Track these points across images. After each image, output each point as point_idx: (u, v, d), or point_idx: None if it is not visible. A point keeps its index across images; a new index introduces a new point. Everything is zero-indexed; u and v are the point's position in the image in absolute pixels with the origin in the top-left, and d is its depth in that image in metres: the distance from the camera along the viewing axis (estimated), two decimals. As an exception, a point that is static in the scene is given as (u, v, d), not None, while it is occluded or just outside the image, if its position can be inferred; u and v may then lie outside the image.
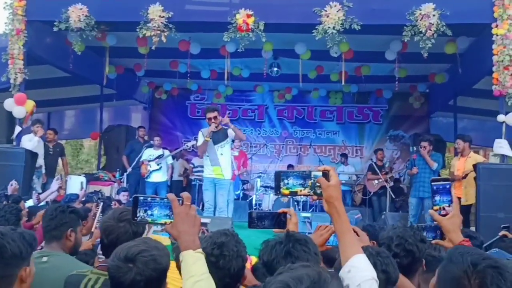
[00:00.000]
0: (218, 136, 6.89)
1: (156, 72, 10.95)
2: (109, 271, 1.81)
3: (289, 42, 8.52)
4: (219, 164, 6.94)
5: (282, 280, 1.01)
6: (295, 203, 9.48)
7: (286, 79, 10.62)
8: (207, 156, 7.01)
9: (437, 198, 2.18)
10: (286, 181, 1.69)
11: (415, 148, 9.92)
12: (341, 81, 8.87)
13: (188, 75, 10.01)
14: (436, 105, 11.22)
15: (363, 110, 12.46)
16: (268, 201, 9.97)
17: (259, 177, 10.58)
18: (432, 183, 2.19)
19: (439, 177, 2.38)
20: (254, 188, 10.60)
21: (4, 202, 4.00)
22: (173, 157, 10.08)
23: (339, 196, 1.63)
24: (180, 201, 1.69)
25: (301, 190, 1.68)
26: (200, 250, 1.69)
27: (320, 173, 1.65)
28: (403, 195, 10.29)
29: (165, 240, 2.10)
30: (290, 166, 11.53)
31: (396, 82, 9.65)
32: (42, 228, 2.85)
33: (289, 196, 2.34)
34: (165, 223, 1.70)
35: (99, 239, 3.15)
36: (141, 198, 1.72)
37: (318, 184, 1.64)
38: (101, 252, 3.32)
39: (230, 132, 7.00)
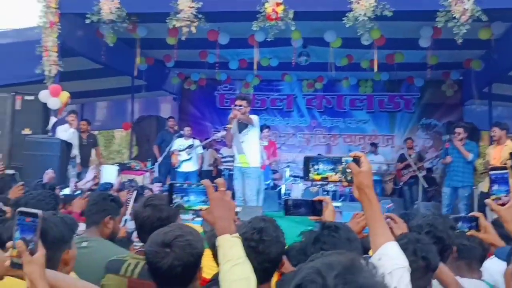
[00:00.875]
0: (241, 125, 6.86)
1: (186, 63, 11.02)
2: (146, 257, 1.84)
3: (319, 30, 8.43)
4: (243, 152, 6.90)
5: (312, 266, 0.99)
6: (325, 192, 9.43)
7: (315, 68, 10.53)
8: (234, 145, 7.00)
9: (495, 187, 2.09)
10: (316, 167, 1.65)
11: (448, 137, 9.72)
12: (372, 69, 8.74)
13: (217, 65, 10.03)
14: (470, 93, 10.92)
15: (394, 98, 12.26)
16: (297, 191, 9.94)
17: (288, 166, 10.56)
18: (490, 172, 2.11)
19: (497, 166, 2.29)
20: (283, 178, 10.59)
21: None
22: (203, 147, 10.16)
23: (370, 183, 1.59)
24: (215, 187, 1.71)
25: (331, 176, 1.64)
26: (237, 234, 1.70)
27: (351, 159, 1.61)
28: (435, 184, 10.12)
29: (197, 229, 2.12)
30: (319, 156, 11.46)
31: (429, 70, 9.46)
32: (85, 213, 2.93)
33: (319, 182, 2.31)
34: (201, 209, 1.72)
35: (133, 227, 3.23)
36: (177, 184, 1.75)
37: (348, 170, 1.60)
38: (135, 239, 3.40)
39: (253, 118, 6.89)
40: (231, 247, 1.64)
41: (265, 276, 2.10)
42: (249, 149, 6.89)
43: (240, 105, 6.57)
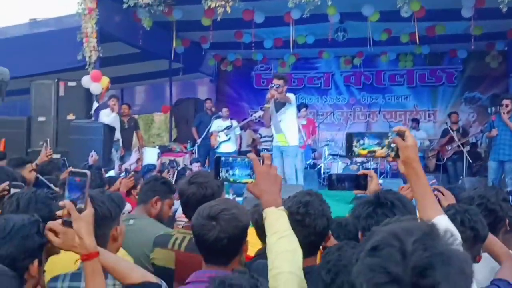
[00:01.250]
0: (278, 104, 6.83)
1: (221, 44, 11.01)
2: (193, 230, 1.88)
3: (356, 4, 8.24)
4: (282, 131, 6.90)
5: (390, 230, 0.98)
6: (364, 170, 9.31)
7: (353, 43, 10.30)
8: (272, 124, 6.99)
9: None
10: (361, 141, 1.61)
11: (493, 109, 9.37)
12: (413, 42, 8.49)
13: (253, 45, 9.98)
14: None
15: (436, 72, 11.89)
16: (336, 169, 9.87)
17: (327, 145, 10.47)
18: None
19: None
20: (322, 156, 10.52)
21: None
22: (241, 128, 10.19)
23: (417, 157, 1.55)
24: (261, 161, 1.72)
25: (378, 150, 1.60)
26: (283, 208, 1.70)
27: (395, 134, 1.57)
28: (480, 159, 9.82)
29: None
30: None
31: (472, 41, 9.11)
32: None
33: (365, 156, 2.26)
34: (246, 183, 1.74)
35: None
36: (223, 158, 1.76)
37: (393, 144, 1.57)
38: (178, 218, 3.47)
39: (290, 96, 6.86)
40: (278, 219, 1.65)
41: (311, 249, 2.10)
42: (287, 127, 6.88)
43: (277, 84, 6.54)
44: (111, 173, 5.74)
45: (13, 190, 2.30)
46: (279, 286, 1.54)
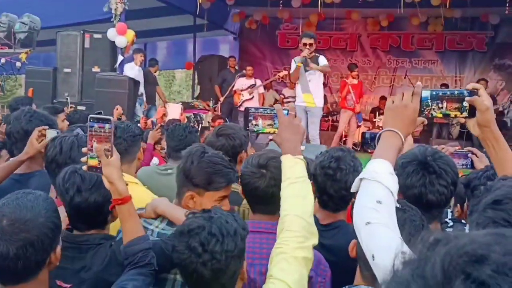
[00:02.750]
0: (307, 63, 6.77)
1: (247, 0, 10.82)
2: (242, 178, 1.93)
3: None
4: (309, 91, 6.85)
5: None
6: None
7: (381, 4, 10.03)
8: (299, 83, 6.95)
9: None
10: (440, 105, 1.44)
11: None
12: (444, 4, 8.22)
13: (280, 2, 9.77)
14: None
15: (466, 37, 11.54)
16: (358, 134, 9.81)
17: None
18: None
19: None
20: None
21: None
22: (264, 88, 10.14)
23: (494, 119, 1.43)
24: (286, 111, 1.77)
25: (455, 112, 1.43)
26: (301, 157, 1.72)
27: (466, 93, 1.42)
28: (506, 128, 9.64)
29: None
30: (382, 98, 11.13)
31: (507, 6, 8.78)
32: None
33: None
34: (269, 133, 1.81)
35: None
36: (252, 109, 1.82)
37: (465, 103, 1.42)
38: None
39: (322, 60, 6.85)
40: (291, 166, 1.68)
41: (341, 203, 2.13)
42: (316, 88, 6.86)
43: (311, 44, 6.55)
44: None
45: (49, 135, 2.33)
46: (285, 228, 1.58)
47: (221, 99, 9.59)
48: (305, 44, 6.69)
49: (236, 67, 10.71)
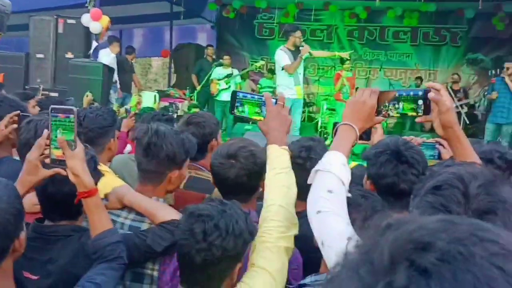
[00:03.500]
0: (296, 56, 6.79)
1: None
2: (212, 169, 1.93)
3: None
4: (300, 83, 6.96)
5: (455, 172, 1.01)
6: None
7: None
8: (290, 76, 6.93)
9: None
10: (396, 106, 1.46)
11: (493, 72, 9.35)
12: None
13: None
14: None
15: (441, 31, 11.72)
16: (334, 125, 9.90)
17: (326, 99, 10.45)
18: None
19: None
20: (320, 111, 10.52)
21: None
22: (241, 78, 10.11)
23: (456, 119, 1.43)
24: (275, 100, 1.74)
25: (411, 112, 1.45)
26: (286, 147, 1.73)
27: (420, 93, 1.43)
28: (477, 121, 9.87)
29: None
30: (356, 89, 11.23)
31: (480, 1, 8.94)
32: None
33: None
34: (256, 120, 1.77)
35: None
36: (240, 94, 1.77)
37: (420, 101, 1.42)
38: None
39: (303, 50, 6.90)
40: (277, 156, 1.69)
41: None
42: (302, 80, 7.02)
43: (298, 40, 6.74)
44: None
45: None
46: (269, 217, 1.59)
47: (198, 88, 9.53)
48: (299, 38, 6.80)
49: (214, 56, 10.64)
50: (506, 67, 7.43)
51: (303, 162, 2.07)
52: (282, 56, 6.85)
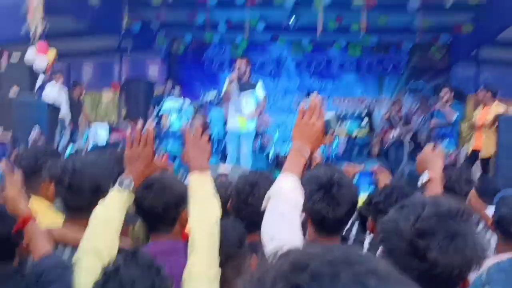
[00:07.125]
0: (245, 85, 6.79)
1: (173, 24, 10.87)
2: (134, 200, 1.96)
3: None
4: (242, 113, 6.80)
5: (419, 198, 1.21)
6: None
7: (304, 30, 10.45)
8: (231, 104, 6.91)
9: None
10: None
11: (433, 100, 9.83)
12: (361, 31, 8.72)
13: (206, 27, 9.91)
14: (458, 57, 11.05)
15: (383, 61, 12.28)
16: (285, 153, 10.04)
17: (277, 129, 10.59)
18: None
19: None
20: (272, 140, 10.63)
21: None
22: (194, 112, 10.09)
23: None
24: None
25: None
26: (208, 173, 1.80)
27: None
28: (420, 148, 10.25)
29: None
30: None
31: (417, 33, 9.48)
32: None
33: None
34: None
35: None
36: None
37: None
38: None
39: (259, 91, 6.91)
40: (200, 184, 1.77)
41: (251, 228, 2.18)
42: (249, 112, 6.84)
43: (239, 67, 6.58)
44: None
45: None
46: (194, 250, 1.65)
47: (149, 121, 9.43)
48: (237, 67, 6.77)
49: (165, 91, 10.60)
50: (443, 92, 7.83)
51: (246, 197, 2.13)
52: (225, 84, 6.88)
